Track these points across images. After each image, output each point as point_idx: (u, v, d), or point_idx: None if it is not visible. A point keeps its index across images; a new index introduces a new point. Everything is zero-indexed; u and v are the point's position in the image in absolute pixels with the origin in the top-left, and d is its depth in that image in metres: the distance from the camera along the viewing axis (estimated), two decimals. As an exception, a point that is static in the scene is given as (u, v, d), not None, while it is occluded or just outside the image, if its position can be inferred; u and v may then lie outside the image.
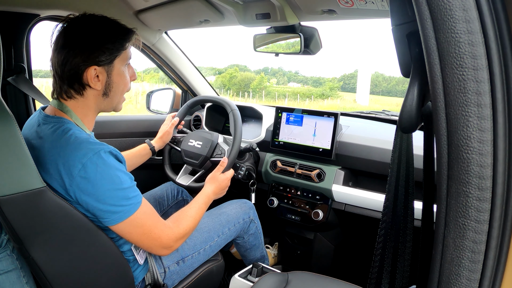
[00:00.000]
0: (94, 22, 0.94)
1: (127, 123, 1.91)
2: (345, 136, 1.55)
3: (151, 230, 0.94)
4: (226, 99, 1.61)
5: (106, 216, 0.88)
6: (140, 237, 0.93)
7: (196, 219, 1.10)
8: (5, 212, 0.77)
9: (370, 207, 1.42)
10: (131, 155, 1.45)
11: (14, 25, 1.48)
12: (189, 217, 1.08)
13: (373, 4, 1.05)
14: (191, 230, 1.07)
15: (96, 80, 0.93)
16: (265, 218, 1.69)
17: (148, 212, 0.95)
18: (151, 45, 1.87)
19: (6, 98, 1.53)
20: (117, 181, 0.87)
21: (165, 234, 0.97)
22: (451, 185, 0.47)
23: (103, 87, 0.96)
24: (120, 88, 1.00)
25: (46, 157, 0.87)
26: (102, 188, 0.85)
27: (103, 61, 0.93)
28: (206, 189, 1.26)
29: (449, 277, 0.49)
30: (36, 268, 0.85)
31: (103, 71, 0.94)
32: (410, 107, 0.54)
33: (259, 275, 1.30)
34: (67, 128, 0.90)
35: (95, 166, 0.85)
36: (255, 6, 1.36)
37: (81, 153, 0.85)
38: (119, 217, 0.88)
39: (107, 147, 0.90)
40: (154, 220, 0.96)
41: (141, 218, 0.92)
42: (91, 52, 0.91)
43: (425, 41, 0.45)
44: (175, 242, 1.00)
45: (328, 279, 0.89)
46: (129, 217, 0.89)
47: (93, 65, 0.91)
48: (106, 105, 1.01)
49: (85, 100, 0.96)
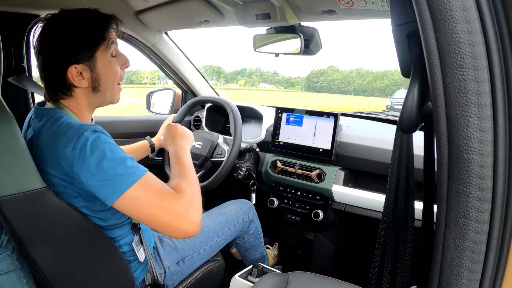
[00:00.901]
0: (67, 20, 0.89)
1: (127, 124, 1.91)
2: (345, 137, 1.55)
3: (160, 197, 0.82)
4: (226, 100, 1.61)
5: (106, 190, 0.80)
6: (149, 210, 0.81)
7: (189, 175, 0.95)
8: (5, 213, 0.77)
9: (370, 208, 1.42)
10: (131, 150, 1.46)
11: (14, 25, 1.48)
12: (189, 180, 0.92)
13: (373, 4, 1.05)
14: (195, 192, 0.91)
15: (81, 78, 0.89)
16: (265, 218, 1.69)
17: (154, 182, 0.84)
18: (151, 46, 1.87)
19: (6, 98, 1.53)
20: (109, 152, 0.81)
21: (178, 201, 0.83)
22: (452, 185, 0.47)
23: (90, 83, 0.92)
24: (110, 80, 0.95)
25: (42, 148, 0.85)
26: (95, 160, 0.79)
27: (81, 58, 0.88)
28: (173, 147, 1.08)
29: (449, 277, 0.49)
30: (36, 269, 0.85)
31: (85, 67, 0.89)
32: (411, 107, 0.54)
33: (259, 276, 1.30)
34: (59, 117, 0.87)
35: (85, 140, 0.80)
36: (255, 7, 1.36)
37: (72, 134, 0.82)
38: (119, 188, 0.79)
39: (99, 127, 0.86)
40: (161, 187, 0.84)
41: (145, 188, 0.81)
42: (66, 52, 0.87)
43: (425, 41, 0.45)
44: (189, 208, 0.84)
45: (328, 280, 0.89)
46: (131, 187, 0.80)
47: (72, 65, 0.87)
48: (100, 100, 0.96)
49: (76, 99, 0.93)
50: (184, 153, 1.05)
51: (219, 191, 1.89)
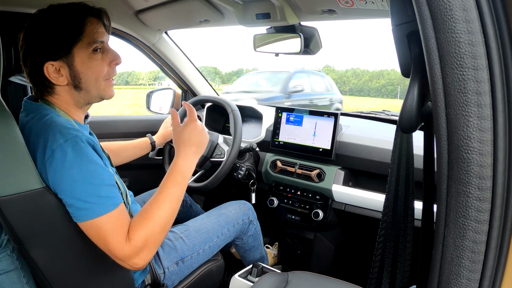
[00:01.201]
0: (48, 15, 0.85)
1: (127, 123, 1.91)
2: (345, 136, 1.55)
3: (107, 238, 0.81)
4: (226, 99, 1.61)
5: (72, 211, 0.80)
6: (96, 241, 0.83)
7: (161, 218, 0.88)
8: (5, 213, 0.77)
9: (370, 207, 1.42)
10: (131, 145, 1.46)
11: (14, 25, 1.48)
12: (149, 221, 0.86)
13: (373, 4, 1.05)
14: (155, 236, 0.86)
15: (58, 75, 0.86)
16: (265, 218, 1.69)
17: (117, 220, 0.83)
18: (151, 45, 1.87)
19: (6, 98, 1.53)
20: (86, 174, 0.79)
21: (120, 248, 0.82)
22: (451, 185, 0.47)
23: (69, 81, 0.88)
24: (92, 77, 0.89)
25: (28, 144, 0.81)
26: (69, 179, 0.77)
27: (57, 54, 0.84)
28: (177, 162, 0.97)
29: (449, 277, 0.49)
30: (35, 269, 0.84)
31: (63, 64, 0.86)
32: (410, 107, 0.54)
33: (259, 275, 1.30)
34: (45, 113, 0.85)
35: (64, 154, 0.77)
36: (255, 6, 1.36)
37: (53, 138, 0.79)
38: (84, 215, 0.79)
39: (83, 135, 0.82)
40: (115, 229, 0.82)
41: (104, 223, 0.81)
42: (40, 48, 0.84)
43: (425, 41, 0.45)
44: (132, 257, 0.83)
45: (328, 279, 0.89)
46: (95, 218, 0.79)
47: (48, 61, 0.84)
48: (86, 97, 0.92)
49: (59, 96, 0.90)
50: (185, 164, 0.97)
51: (219, 191, 1.89)
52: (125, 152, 1.42)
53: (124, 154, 1.41)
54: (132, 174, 1.82)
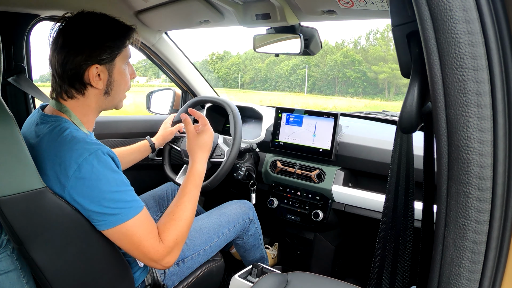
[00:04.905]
0: (94, 20, 0.92)
1: (127, 124, 1.91)
2: (345, 137, 1.55)
3: (141, 242, 0.88)
4: (226, 100, 1.61)
5: (101, 218, 0.85)
6: (129, 246, 0.89)
7: (187, 218, 0.99)
8: (5, 213, 0.77)
9: (370, 208, 1.42)
10: (131, 151, 1.46)
11: (14, 25, 1.48)
12: (178, 221, 0.97)
13: (373, 4, 1.05)
14: (183, 234, 0.97)
15: (98, 79, 0.92)
16: (265, 218, 1.69)
17: (145, 221, 0.90)
18: (151, 46, 1.87)
19: (6, 98, 1.53)
20: (113, 183, 0.85)
21: (155, 249, 0.90)
22: (451, 185, 0.47)
23: (104, 86, 0.95)
24: (122, 87, 0.99)
25: (43, 157, 0.86)
26: (97, 189, 0.83)
27: (104, 60, 0.92)
28: (196, 166, 1.11)
29: (449, 277, 0.49)
30: (36, 269, 0.84)
31: (105, 69, 0.93)
32: (410, 107, 0.54)
33: (259, 276, 1.30)
34: (64, 127, 0.88)
35: (91, 167, 0.83)
36: (255, 7, 1.36)
37: (77, 153, 0.83)
38: (114, 220, 0.85)
39: (105, 148, 0.88)
40: (147, 231, 0.90)
41: (135, 226, 0.87)
42: (93, 50, 0.90)
43: (425, 41, 0.45)
44: (165, 257, 0.92)
45: (328, 280, 0.89)
46: (124, 222, 0.86)
47: (95, 64, 0.90)
48: (108, 103, 0.99)
49: (86, 99, 0.94)
50: (202, 167, 1.12)
51: (219, 191, 1.89)
52: (125, 158, 1.43)
53: (124, 160, 1.42)
54: (132, 175, 1.82)
